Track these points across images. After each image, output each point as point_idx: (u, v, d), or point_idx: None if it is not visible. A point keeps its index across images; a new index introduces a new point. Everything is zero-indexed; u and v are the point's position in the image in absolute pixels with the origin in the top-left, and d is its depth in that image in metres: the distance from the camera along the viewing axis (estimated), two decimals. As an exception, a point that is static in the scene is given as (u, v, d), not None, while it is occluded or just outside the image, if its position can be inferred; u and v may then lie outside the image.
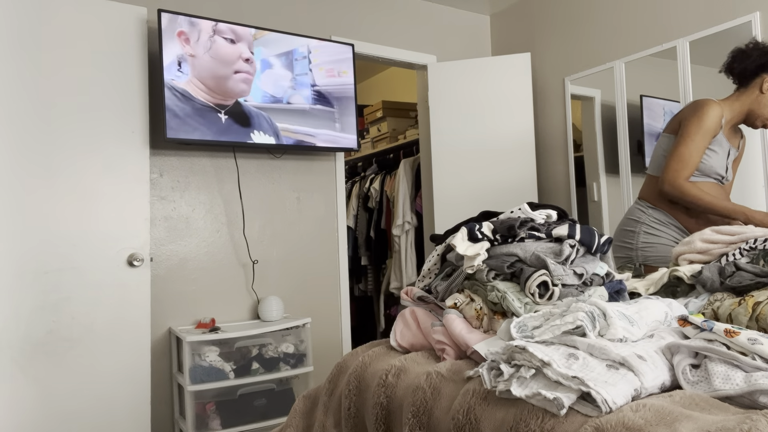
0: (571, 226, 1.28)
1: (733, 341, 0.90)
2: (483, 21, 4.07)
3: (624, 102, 3.17)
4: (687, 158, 1.98)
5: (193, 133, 2.62)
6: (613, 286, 1.27)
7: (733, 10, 2.70)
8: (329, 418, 1.33)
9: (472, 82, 3.59)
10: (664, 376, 0.90)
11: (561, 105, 3.60)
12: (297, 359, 2.72)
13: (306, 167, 3.21)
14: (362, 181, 4.47)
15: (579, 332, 0.98)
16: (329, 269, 3.26)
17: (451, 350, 1.20)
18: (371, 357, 1.31)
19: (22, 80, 2.29)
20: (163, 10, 2.57)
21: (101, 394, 2.37)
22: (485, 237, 1.30)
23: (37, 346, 2.27)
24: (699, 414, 0.78)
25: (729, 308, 1.15)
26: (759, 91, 2.03)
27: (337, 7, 3.39)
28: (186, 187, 2.84)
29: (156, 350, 2.70)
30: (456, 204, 3.55)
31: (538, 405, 0.88)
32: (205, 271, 2.85)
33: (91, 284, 2.39)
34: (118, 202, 2.46)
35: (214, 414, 2.51)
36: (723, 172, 2.07)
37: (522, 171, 3.53)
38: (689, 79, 2.84)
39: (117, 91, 2.48)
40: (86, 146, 2.41)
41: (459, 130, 3.58)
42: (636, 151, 3.12)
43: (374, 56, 3.54)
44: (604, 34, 3.31)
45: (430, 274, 1.50)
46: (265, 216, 3.06)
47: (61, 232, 2.34)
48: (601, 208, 3.33)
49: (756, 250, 1.40)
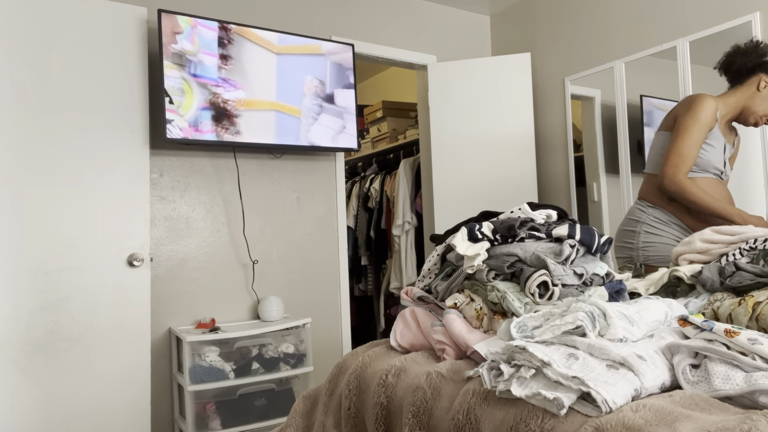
0: (571, 226, 1.28)
1: (733, 341, 0.90)
2: (483, 21, 4.07)
3: (624, 102, 3.17)
4: (685, 153, 1.98)
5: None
6: (613, 286, 1.27)
7: (733, 10, 2.70)
8: (329, 418, 1.33)
9: (472, 82, 3.59)
10: (664, 376, 0.90)
11: (561, 105, 3.60)
12: (297, 359, 2.72)
13: (306, 167, 3.21)
14: (362, 181, 4.47)
15: (579, 332, 0.98)
16: (329, 269, 3.26)
17: (451, 350, 1.20)
18: (371, 357, 1.31)
19: (22, 80, 2.29)
20: (163, 10, 2.57)
21: (101, 394, 2.37)
22: (485, 237, 1.30)
23: (37, 346, 2.27)
24: (699, 414, 0.78)
25: (729, 308, 1.15)
26: (755, 89, 2.04)
27: (337, 7, 3.39)
28: (186, 187, 2.84)
29: (156, 350, 2.70)
30: (456, 204, 3.55)
31: (538, 405, 0.88)
32: (205, 271, 2.85)
33: (91, 284, 2.39)
34: (118, 202, 2.46)
35: (214, 414, 2.51)
36: (721, 166, 2.07)
37: (522, 171, 3.53)
38: (689, 79, 2.84)
39: (117, 91, 2.48)
40: (86, 146, 2.41)
41: (459, 130, 3.58)
42: (636, 151, 3.12)
43: (374, 56, 3.54)
44: (604, 34, 3.31)
45: (430, 274, 1.50)
46: (265, 216, 3.06)
47: (61, 232, 2.34)
48: (601, 208, 3.33)
49: (756, 250, 1.39)
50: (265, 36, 2.86)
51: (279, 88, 2.88)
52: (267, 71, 2.85)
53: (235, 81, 2.75)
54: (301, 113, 2.94)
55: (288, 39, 2.92)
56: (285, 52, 2.91)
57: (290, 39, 2.93)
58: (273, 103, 2.85)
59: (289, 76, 2.92)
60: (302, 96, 2.94)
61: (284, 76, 2.90)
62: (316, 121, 2.98)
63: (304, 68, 2.97)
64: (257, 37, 2.84)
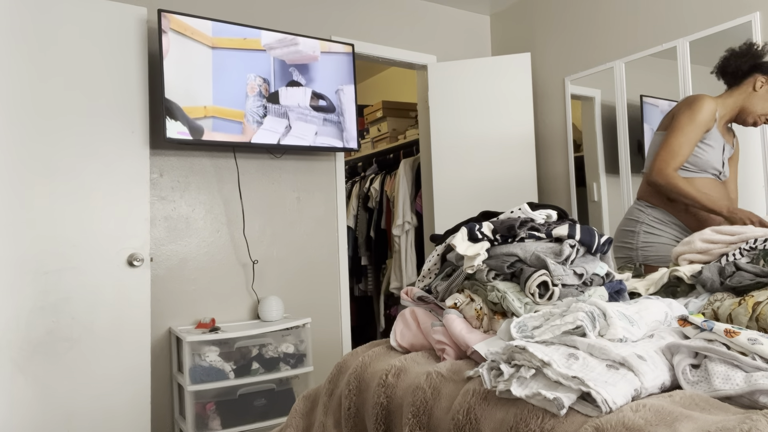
0: (571, 226, 1.28)
1: (733, 341, 0.90)
2: (483, 21, 4.07)
3: (624, 102, 3.17)
4: (677, 149, 1.98)
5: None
6: (613, 286, 1.27)
7: (733, 10, 2.70)
8: (329, 418, 1.33)
9: (472, 82, 3.59)
10: (664, 376, 0.90)
11: (561, 105, 3.60)
12: (297, 359, 2.72)
13: (306, 167, 3.21)
14: (362, 181, 4.47)
15: (579, 332, 0.98)
16: (329, 269, 3.26)
17: (451, 350, 1.20)
18: (371, 357, 1.31)
19: (22, 80, 2.29)
20: (163, 10, 2.57)
21: (101, 394, 2.37)
22: (485, 237, 1.30)
23: (37, 346, 2.27)
24: (699, 414, 0.78)
25: (729, 308, 1.15)
26: (752, 89, 2.06)
27: (337, 7, 3.39)
28: (186, 187, 2.84)
29: (156, 350, 2.70)
30: (456, 204, 3.55)
31: (538, 405, 0.88)
32: (205, 271, 2.85)
33: (91, 284, 2.39)
34: (118, 202, 2.46)
35: (214, 414, 2.51)
36: (719, 167, 2.07)
37: (522, 171, 3.53)
38: (689, 79, 2.84)
39: (117, 91, 2.48)
40: (86, 146, 2.41)
41: (459, 130, 3.58)
42: (636, 151, 3.12)
43: (374, 56, 3.54)
44: (604, 34, 3.31)
45: (430, 274, 1.50)
46: (265, 216, 3.06)
47: (61, 232, 2.34)
48: (601, 208, 3.33)
49: (756, 250, 1.39)
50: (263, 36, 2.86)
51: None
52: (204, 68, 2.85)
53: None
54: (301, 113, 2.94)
55: (289, 39, 2.92)
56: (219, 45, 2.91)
57: (291, 39, 2.93)
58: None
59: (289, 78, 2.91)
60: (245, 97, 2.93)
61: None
62: (316, 120, 2.98)
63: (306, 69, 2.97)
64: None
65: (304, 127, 2.93)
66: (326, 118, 3.01)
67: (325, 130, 3.01)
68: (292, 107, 2.91)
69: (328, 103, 3.02)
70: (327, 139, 3.01)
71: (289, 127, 2.87)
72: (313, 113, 2.97)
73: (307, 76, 2.98)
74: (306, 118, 2.94)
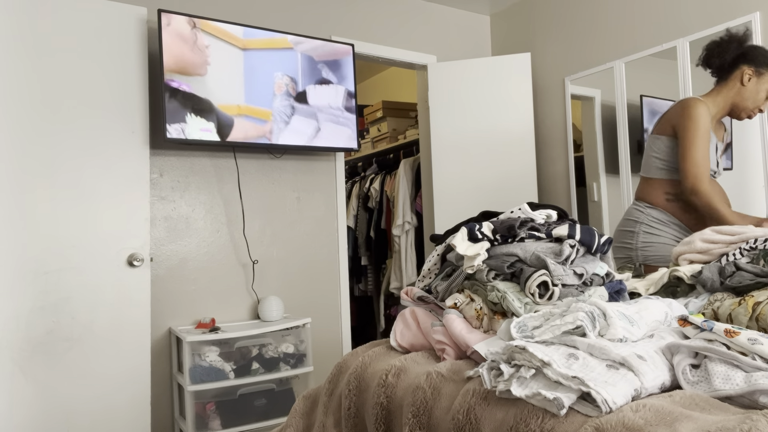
0: (571, 226, 1.28)
1: (733, 341, 0.90)
2: (483, 21, 4.07)
3: (624, 102, 3.17)
4: (702, 162, 1.96)
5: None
6: (613, 286, 1.27)
7: (733, 10, 2.70)
8: (329, 418, 1.33)
9: (472, 82, 3.59)
10: (664, 376, 0.90)
11: (561, 105, 3.60)
12: (297, 359, 2.72)
13: (306, 167, 3.21)
14: (362, 181, 4.47)
15: (579, 332, 0.98)
16: (329, 269, 3.26)
17: (451, 350, 1.20)
18: (371, 357, 1.31)
19: (22, 80, 2.29)
20: (163, 10, 2.57)
21: (101, 394, 2.37)
22: (485, 237, 1.30)
23: (37, 346, 2.27)
24: (699, 414, 0.78)
25: (729, 308, 1.15)
26: (740, 84, 2.03)
27: (337, 7, 3.39)
28: (186, 187, 2.84)
29: (156, 350, 2.70)
30: (456, 204, 3.55)
31: (538, 405, 0.88)
32: (205, 271, 2.85)
33: (91, 284, 2.39)
34: (118, 202, 2.46)
35: (214, 414, 2.51)
36: (714, 167, 2.08)
37: (522, 171, 3.53)
38: (689, 79, 2.84)
39: (117, 91, 2.48)
40: (86, 146, 2.41)
41: (459, 130, 3.58)
42: (636, 151, 3.12)
43: (374, 56, 3.54)
44: (604, 34, 3.31)
45: (430, 274, 1.50)
46: (265, 216, 3.06)
47: (61, 232, 2.34)
48: (601, 208, 3.33)
49: (756, 250, 1.40)
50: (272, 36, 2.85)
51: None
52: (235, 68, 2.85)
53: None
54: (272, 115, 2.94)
55: (289, 39, 2.92)
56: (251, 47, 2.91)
57: (291, 39, 2.93)
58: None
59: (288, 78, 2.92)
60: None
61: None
62: (316, 120, 2.98)
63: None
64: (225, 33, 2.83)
65: (334, 129, 2.97)
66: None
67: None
68: (322, 107, 2.93)
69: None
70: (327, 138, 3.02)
71: (318, 129, 2.90)
72: (345, 114, 3.00)
73: (339, 73, 3.01)
74: (338, 120, 2.98)
